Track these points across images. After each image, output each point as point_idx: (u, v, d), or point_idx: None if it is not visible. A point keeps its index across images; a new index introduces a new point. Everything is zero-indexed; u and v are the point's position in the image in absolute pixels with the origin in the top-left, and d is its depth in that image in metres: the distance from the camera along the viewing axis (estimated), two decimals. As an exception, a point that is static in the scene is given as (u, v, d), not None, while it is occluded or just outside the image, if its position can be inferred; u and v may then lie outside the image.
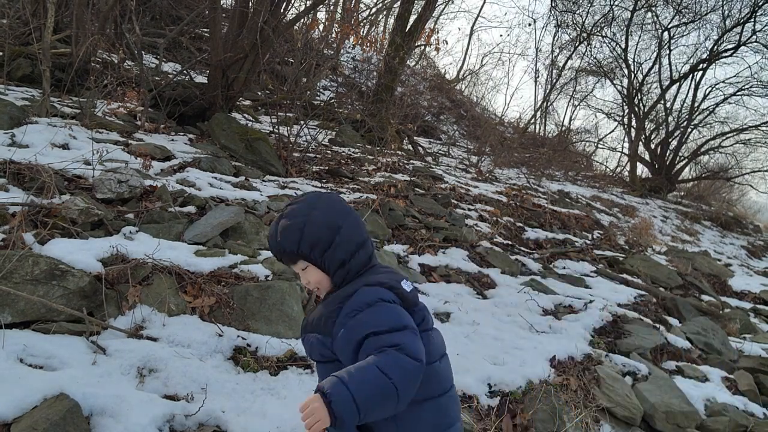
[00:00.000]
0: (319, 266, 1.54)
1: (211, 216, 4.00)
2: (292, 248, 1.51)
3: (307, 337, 1.56)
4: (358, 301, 1.45)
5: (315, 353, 1.54)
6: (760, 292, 7.77)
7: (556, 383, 3.37)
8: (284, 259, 1.56)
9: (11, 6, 7.96)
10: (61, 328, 2.60)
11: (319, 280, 1.55)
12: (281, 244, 1.52)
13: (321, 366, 1.55)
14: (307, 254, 1.52)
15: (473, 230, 6.20)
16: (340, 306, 1.46)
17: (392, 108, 10.53)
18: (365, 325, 1.39)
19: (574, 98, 20.93)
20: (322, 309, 1.54)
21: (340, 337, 1.41)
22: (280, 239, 1.52)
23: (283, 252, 1.53)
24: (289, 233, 1.51)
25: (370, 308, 1.42)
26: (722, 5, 15.54)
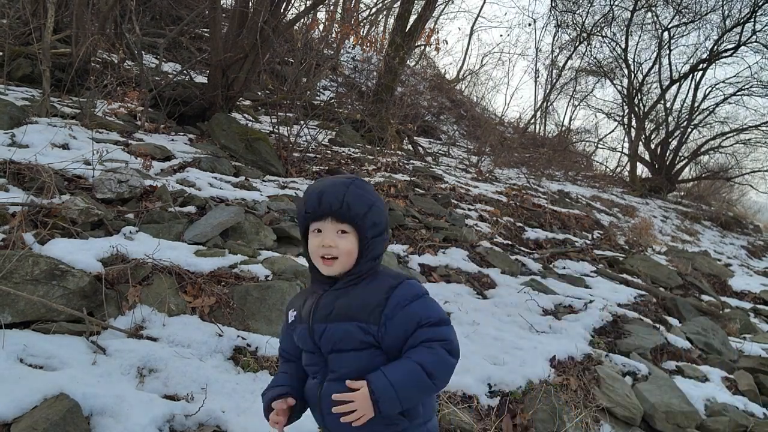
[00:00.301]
0: (361, 242, 1.52)
1: (211, 216, 4.00)
2: (358, 211, 1.49)
3: (336, 326, 1.51)
4: (406, 293, 1.50)
5: (348, 342, 1.50)
6: (760, 292, 7.76)
7: (556, 383, 3.37)
8: (339, 212, 1.49)
9: (11, 6, 7.96)
10: (61, 328, 2.60)
11: (350, 252, 1.51)
12: (348, 202, 1.48)
13: (351, 354, 1.51)
14: (364, 226, 1.50)
15: (473, 230, 6.20)
16: (387, 296, 1.49)
17: (392, 108, 10.53)
18: (416, 315, 1.48)
19: (574, 98, 20.96)
20: (358, 297, 1.51)
21: (392, 326, 1.46)
22: (349, 198, 1.49)
23: (347, 208, 1.48)
24: (360, 199, 1.50)
25: (418, 300, 1.51)
26: (722, 5, 15.56)
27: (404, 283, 1.52)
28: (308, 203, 1.53)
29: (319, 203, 1.50)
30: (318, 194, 1.51)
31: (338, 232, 1.50)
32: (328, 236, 1.51)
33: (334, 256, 1.51)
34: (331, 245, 1.50)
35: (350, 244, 1.51)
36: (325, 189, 1.51)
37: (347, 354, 1.50)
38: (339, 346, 1.50)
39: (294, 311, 1.64)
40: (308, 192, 1.56)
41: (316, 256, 1.53)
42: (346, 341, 1.49)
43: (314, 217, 1.52)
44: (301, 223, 1.57)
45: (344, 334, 1.49)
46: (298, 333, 1.59)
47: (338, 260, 1.51)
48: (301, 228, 1.59)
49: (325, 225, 1.51)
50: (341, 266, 1.52)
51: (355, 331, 1.48)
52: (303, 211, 1.55)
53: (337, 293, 1.54)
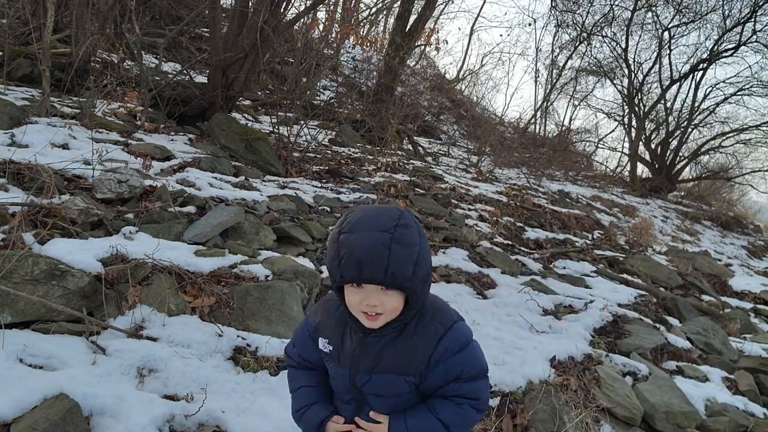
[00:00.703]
0: (408, 295, 1.39)
1: (211, 216, 4.00)
2: (404, 275, 1.32)
3: (382, 378, 1.44)
4: (454, 344, 1.44)
5: (392, 390, 1.45)
6: (760, 292, 7.76)
7: (556, 383, 3.37)
8: (383, 282, 1.33)
9: (11, 6, 7.96)
10: (61, 328, 2.59)
11: (397, 308, 1.38)
12: (393, 271, 1.31)
13: (393, 399, 1.48)
14: (411, 287, 1.35)
15: (473, 230, 6.20)
16: (434, 348, 1.42)
17: (392, 108, 10.53)
18: (459, 367, 1.44)
19: (574, 98, 20.96)
20: (407, 349, 1.42)
21: (434, 374, 1.43)
22: (393, 266, 1.30)
23: (392, 277, 1.31)
24: (404, 263, 1.32)
25: (464, 351, 1.46)
26: (722, 5, 15.56)
27: (452, 329, 1.44)
28: (346, 270, 1.32)
29: (359, 272, 1.31)
30: (357, 263, 1.31)
31: (378, 293, 1.35)
32: (371, 296, 1.35)
33: (379, 312, 1.38)
34: (376, 304, 1.36)
35: (396, 302, 1.37)
36: (363, 257, 1.30)
37: (391, 399, 1.48)
38: (383, 393, 1.47)
39: (327, 342, 1.51)
40: (344, 252, 1.32)
41: (357, 310, 1.40)
42: (391, 390, 1.46)
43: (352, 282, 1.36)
44: (335, 282, 1.39)
45: (389, 386, 1.45)
46: (334, 370, 1.53)
47: (383, 315, 1.38)
48: (334, 285, 1.41)
49: (366, 286, 1.36)
50: (386, 319, 1.40)
51: (401, 384, 1.44)
52: (338, 275, 1.35)
53: (384, 341, 1.43)
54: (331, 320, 1.51)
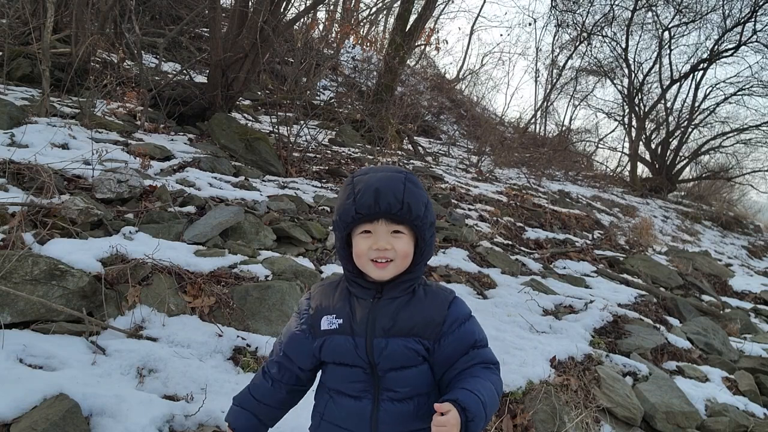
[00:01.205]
0: (417, 243, 1.40)
1: (211, 216, 3.99)
2: (418, 212, 1.36)
3: (399, 342, 1.38)
4: (462, 310, 1.46)
5: (400, 358, 1.39)
6: (760, 292, 7.76)
7: (557, 383, 3.36)
8: (398, 214, 1.34)
9: (11, 6, 7.95)
10: (61, 328, 2.59)
11: (407, 254, 1.38)
12: (409, 202, 1.34)
13: (412, 371, 1.40)
14: (423, 226, 1.38)
15: (473, 230, 6.20)
16: (442, 313, 1.42)
17: (392, 108, 10.52)
18: (472, 335, 1.45)
19: (575, 98, 20.92)
20: (422, 310, 1.41)
21: (447, 342, 1.41)
22: (408, 198, 1.34)
23: (407, 209, 1.34)
24: (418, 198, 1.36)
25: (471, 320, 1.47)
26: (723, 5, 15.56)
27: (457, 298, 1.47)
28: (362, 202, 1.33)
29: (376, 203, 1.32)
30: (374, 193, 1.33)
31: (392, 233, 1.36)
32: (382, 238, 1.36)
33: (389, 258, 1.37)
34: (387, 248, 1.35)
35: (406, 245, 1.38)
36: (381, 186, 1.33)
37: (408, 371, 1.39)
38: (400, 363, 1.38)
39: (335, 317, 1.43)
40: (359, 186, 1.35)
41: (366, 259, 1.37)
42: (408, 359, 1.39)
43: (366, 218, 1.35)
44: (346, 224, 1.37)
45: (408, 351, 1.38)
46: (340, 346, 1.41)
47: (393, 263, 1.37)
48: (343, 229, 1.39)
49: (377, 227, 1.36)
50: (396, 269, 1.38)
51: (418, 348, 1.39)
52: (352, 210, 1.34)
53: (396, 303, 1.41)
54: (331, 299, 1.47)
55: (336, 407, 1.44)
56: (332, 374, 1.46)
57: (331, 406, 1.45)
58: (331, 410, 1.45)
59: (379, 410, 1.39)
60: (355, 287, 1.44)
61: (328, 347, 1.43)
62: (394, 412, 1.39)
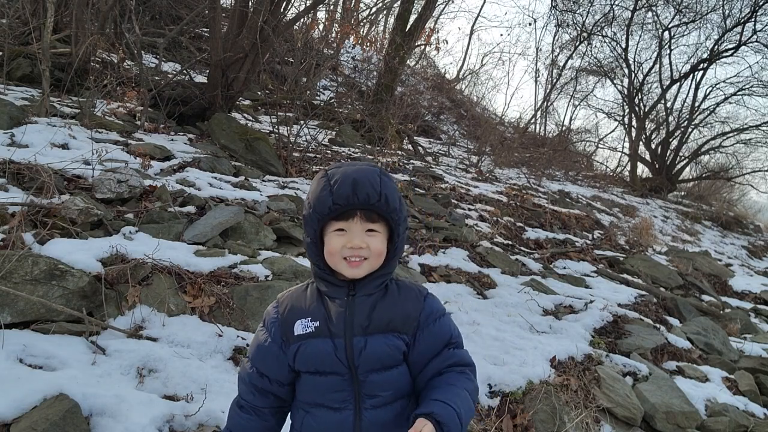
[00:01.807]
0: (391, 240, 1.38)
1: (211, 216, 3.99)
2: (394, 204, 1.34)
3: (378, 339, 1.33)
4: (436, 306, 1.42)
5: (381, 357, 1.34)
6: (760, 292, 7.77)
7: (557, 383, 3.36)
8: (376, 205, 1.31)
9: (11, 6, 7.95)
10: (61, 328, 2.59)
11: (381, 252, 1.35)
12: (386, 194, 1.32)
13: (392, 373, 1.36)
14: (398, 220, 1.35)
15: (473, 230, 6.20)
16: (417, 307, 1.38)
17: (392, 108, 10.52)
18: (447, 332, 1.40)
19: (575, 98, 20.92)
20: (398, 306, 1.37)
21: (423, 338, 1.37)
22: (384, 190, 1.31)
23: (385, 201, 1.31)
24: (393, 193, 1.34)
25: (445, 316, 1.43)
26: (723, 5, 15.57)
27: (430, 294, 1.44)
28: (338, 193, 1.29)
29: (354, 193, 1.28)
30: (352, 183, 1.28)
31: (365, 232, 1.33)
32: (357, 237, 1.32)
33: (363, 257, 1.33)
34: (362, 246, 1.31)
35: (380, 244, 1.35)
36: (358, 177, 1.29)
37: (389, 373, 1.34)
38: (381, 363, 1.33)
39: (310, 320, 1.36)
40: (335, 178, 1.31)
41: (339, 257, 1.33)
42: (388, 357, 1.34)
43: (342, 210, 1.30)
44: (321, 217, 1.32)
45: (387, 349, 1.33)
46: (317, 351, 1.34)
47: (367, 261, 1.34)
48: (316, 223, 1.34)
49: (351, 225, 1.32)
50: (369, 267, 1.35)
51: (397, 343, 1.34)
52: (329, 201, 1.29)
53: (371, 300, 1.36)
54: (303, 302, 1.40)
55: (314, 421, 1.36)
56: (307, 386, 1.37)
57: (309, 421, 1.37)
58: (309, 425, 1.37)
59: (362, 420, 1.33)
60: (327, 286, 1.38)
61: (304, 354, 1.34)
62: (378, 420, 1.33)
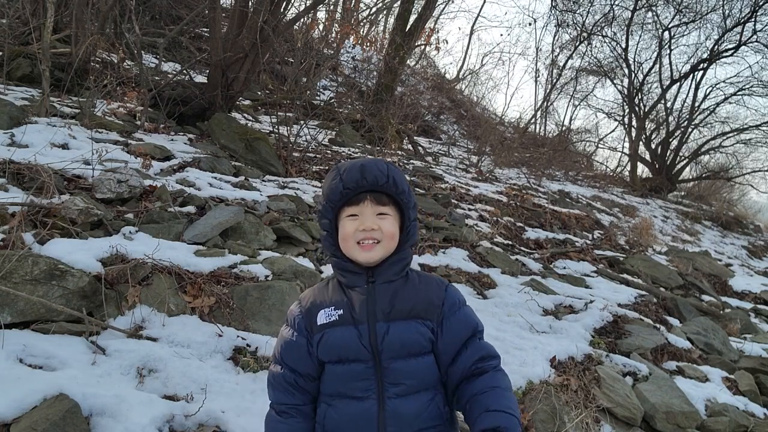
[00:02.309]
0: (403, 224, 1.39)
1: (211, 216, 3.99)
2: (403, 187, 1.37)
3: (401, 325, 1.32)
4: (458, 295, 1.42)
5: (414, 345, 1.33)
6: (760, 292, 7.76)
7: (557, 383, 3.36)
8: (384, 186, 1.34)
9: (11, 6, 7.95)
10: (61, 328, 2.59)
11: (394, 234, 1.36)
12: (393, 176, 1.35)
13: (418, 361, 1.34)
14: (408, 204, 1.38)
15: (473, 230, 6.20)
16: (440, 295, 1.39)
17: (392, 108, 10.52)
18: (472, 321, 1.40)
19: (575, 98, 20.93)
20: (420, 292, 1.37)
21: (449, 326, 1.36)
22: (392, 173, 1.36)
23: (393, 182, 1.35)
24: (401, 178, 1.38)
25: (467, 306, 1.43)
26: (723, 5, 15.57)
27: (451, 285, 1.45)
28: (347, 177, 1.33)
29: (362, 177, 1.33)
30: (360, 168, 1.34)
31: (377, 215, 1.36)
32: (368, 218, 1.34)
33: (376, 239, 1.34)
34: (374, 227, 1.34)
35: (392, 226, 1.37)
36: (365, 163, 1.36)
37: (413, 361, 1.33)
38: (405, 350, 1.32)
39: (333, 309, 1.37)
40: (344, 167, 1.36)
41: (352, 242, 1.35)
42: (413, 344, 1.33)
43: (353, 194, 1.34)
44: (334, 205, 1.36)
45: (410, 335, 1.33)
46: (341, 338, 1.34)
47: (380, 244, 1.35)
48: (330, 212, 1.37)
49: (362, 209, 1.35)
50: (383, 251, 1.36)
51: (422, 330, 1.34)
52: (340, 187, 1.34)
53: (392, 287, 1.36)
54: (325, 294, 1.42)
55: (336, 413, 1.34)
56: (330, 376, 1.37)
57: (331, 413, 1.35)
58: (332, 418, 1.35)
59: (385, 410, 1.31)
60: (346, 275, 1.39)
61: (327, 342, 1.35)
62: (401, 409, 1.31)
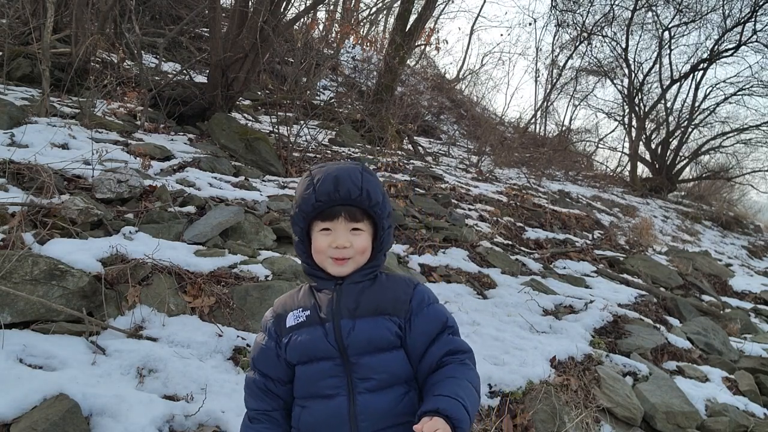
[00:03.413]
0: (376, 236, 1.40)
1: (211, 216, 3.99)
2: (377, 199, 1.35)
3: (367, 322, 1.34)
4: (428, 293, 1.43)
5: (381, 341, 1.33)
6: (760, 292, 7.76)
7: (557, 383, 3.36)
8: (358, 200, 1.33)
9: (11, 6, 7.95)
10: (61, 328, 2.59)
11: (365, 249, 1.37)
12: (368, 189, 1.34)
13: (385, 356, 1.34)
14: (382, 215, 1.37)
15: (473, 230, 6.19)
16: (412, 291, 1.40)
17: (392, 108, 10.52)
18: (441, 317, 1.40)
19: (575, 98, 20.90)
20: (386, 291, 1.38)
21: (418, 322, 1.37)
22: (367, 185, 1.34)
23: (366, 196, 1.33)
24: (375, 188, 1.36)
25: (438, 304, 1.43)
26: (723, 5, 15.56)
27: (421, 284, 1.46)
28: (321, 190, 1.32)
29: (335, 190, 1.31)
30: (333, 179, 1.32)
31: (349, 231, 1.36)
32: (341, 236, 1.35)
33: (348, 256, 1.36)
34: (346, 246, 1.34)
35: (364, 242, 1.37)
36: (339, 174, 1.33)
37: (382, 355, 1.34)
38: (372, 345, 1.33)
39: (301, 310, 1.39)
40: (318, 176, 1.34)
41: (325, 256, 1.37)
42: (379, 339, 1.34)
43: (326, 206, 1.33)
44: (306, 215, 1.35)
45: (377, 331, 1.33)
46: (308, 338, 1.36)
47: (352, 260, 1.37)
48: (303, 221, 1.37)
49: (336, 225, 1.35)
50: (354, 265, 1.38)
51: (388, 325, 1.34)
52: (312, 199, 1.33)
53: (358, 287, 1.38)
54: (295, 299, 1.44)
55: (310, 415, 1.35)
56: (301, 378, 1.38)
57: (305, 416, 1.36)
58: (305, 419, 1.36)
59: (356, 405, 1.31)
60: (316, 280, 1.42)
61: (295, 343, 1.36)
62: (373, 404, 1.31)
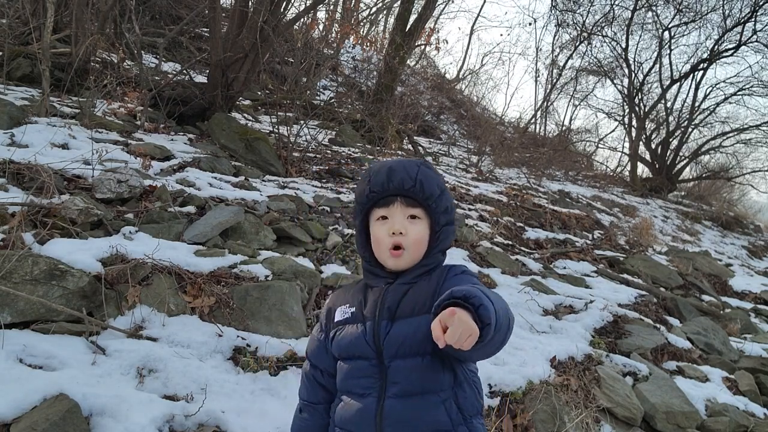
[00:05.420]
0: (432, 229, 1.37)
1: (211, 216, 3.99)
2: (431, 192, 1.34)
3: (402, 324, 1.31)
4: (458, 266, 1.42)
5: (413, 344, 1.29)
6: (760, 292, 7.76)
7: (557, 383, 3.36)
8: (411, 191, 1.32)
9: (11, 6, 7.95)
10: (61, 328, 2.59)
11: (421, 240, 1.35)
12: (421, 180, 1.33)
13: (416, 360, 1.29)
14: (437, 209, 1.35)
15: (473, 230, 6.19)
16: (442, 277, 1.37)
17: (392, 108, 10.52)
18: (468, 281, 1.36)
19: (575, 98, 20.91)
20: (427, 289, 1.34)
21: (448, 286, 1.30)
22: (422, 177, 1.33)
23: (420, 187, 1.32)
24: (432, 180, 1.35)
25: (465, 273, 1.41)
26: (723, 5, 15.56)
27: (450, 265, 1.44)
28: (374, 180, 1.34)
29: (388, 180, 1.33)
30: (387, 171, 1.33)
31: (408, 218, 1.34)
32: (397, 221, 1.33)
33: (403, 245, 1.34)
34: (402, 231, 1.33)
35: (421, 232, 1.35)
36: (394, 165, 1.34)
37: (414, 361, 1.30)
38: (404, 349, 1.30)
39: (347, 306, 1.40)
40: (374, 169, 1.36)
41: (385, 247, 1.35)
42: (411, 342, 1.30)
43: (380, 197, 1.34)
44: (362, 208, 1.37)
45: (410, 332, 1.30)
46: (350, 335, 1.36)
47: (406, 251, 1.35)
48: (360, 214, 1.39)
49: (392, 210, 1.34)
50: (410, 258, 1.36)
51: (423, 322, 1.27)
52: (366, 190, 1.35)
53: (406, 287, 1.36)
54: (347, 294, 1.46)
55: (344, 410, 1.38)
56: (342, 373, 1.39)
57: (341, 410, 1.39)
58: (341, 414, 1.39)
59: (383, 408, 1.30)
60: (371, 277, 1.42)
61: (338, 338, 1.39)
62: (400, 410, 1.29)
